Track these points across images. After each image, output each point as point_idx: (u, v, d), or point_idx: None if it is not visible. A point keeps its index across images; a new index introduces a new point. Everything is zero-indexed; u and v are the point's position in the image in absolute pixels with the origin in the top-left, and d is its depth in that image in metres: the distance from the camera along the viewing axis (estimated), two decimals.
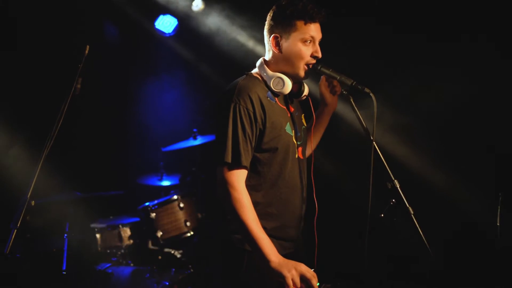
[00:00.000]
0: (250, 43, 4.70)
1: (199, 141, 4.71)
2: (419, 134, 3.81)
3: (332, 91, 2.65)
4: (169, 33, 5.14)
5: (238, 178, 2.29)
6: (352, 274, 2.64)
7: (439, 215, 3.53)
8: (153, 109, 5.25)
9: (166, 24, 5.13)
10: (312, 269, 2.22)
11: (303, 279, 2.18)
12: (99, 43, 4.95)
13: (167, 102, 5.27)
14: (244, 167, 2.31)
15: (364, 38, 3.98)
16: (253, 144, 2.34)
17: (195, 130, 4.75)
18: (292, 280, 2.16)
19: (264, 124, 2.35)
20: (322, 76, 2.63)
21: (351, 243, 3.03)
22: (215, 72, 5.05)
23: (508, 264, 3.17)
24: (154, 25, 5.08)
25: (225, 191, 2.28)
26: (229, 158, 2.28)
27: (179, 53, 5.18)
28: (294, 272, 2.17)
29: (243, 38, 4.73)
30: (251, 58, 4.54)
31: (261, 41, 4.50)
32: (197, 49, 5.13)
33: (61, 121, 2.65)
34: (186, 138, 4.81)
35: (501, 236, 3.08)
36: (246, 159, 2.30)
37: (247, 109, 2.32)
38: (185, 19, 4.97)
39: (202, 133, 4.78)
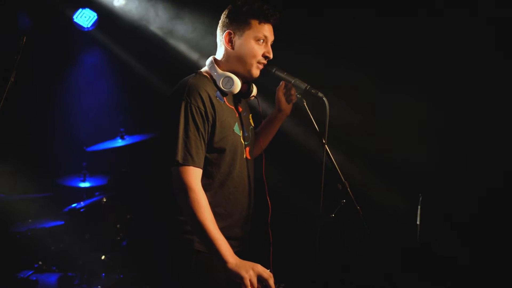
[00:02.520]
0: (173, 38, 4.65)
1: (127, 141, 4.56)
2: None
3: (288, 99, 2.72)
4: (88, 28, 4.94)
5: (195, 178, 2.28)
6: (305, 274, 2.71)
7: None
8: (75, 107, 5.01)
9: (85, 18, 4.93)
10: (268, 269, 2.25)
11: (260, 279, 2.21)
12: (12, 34, 4.65)
13: (90, 99, 5.04)
14: (199, 167, 2.30)
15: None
16: (206, 143, 2.34)
17: (122, 129, 4.60)
18: (250, 280, 2.18)
19: (214, 123, 2.36)
20: (281, 82, 2.68)
21: (301, 243, 3.10)
22: (141, 69, 4.92)
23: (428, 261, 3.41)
24: (72, 19, 4.87)
25: (182, 192, 2.26)
26: (183, 158, 2.26)
27: (102, 48, 5.00)
28: (251, 272, 2.19)
29: (166, 33, 4.67)
30: (174, 53, 4.55)
31: (182, 36, 4.55)
32: (121, 44, 4.97)
33: None
34: (112, 137, 4.64)
35: (421, 235, 3.28)
36: (200, 158, 2.30)
37: (198, 108, 2.31)
38: (106, 14, 4.80)
39: (129, 133, 4.64)
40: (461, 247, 3.49)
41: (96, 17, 4.92)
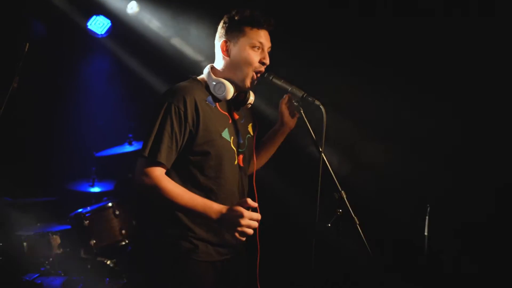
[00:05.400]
0: (184, 47, 4.67)
1: (134, 147, 4.60)
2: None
3: (292, 113, 2.70)
4: (101, 34, 5.01)
5: (156, 170, 2.29)
6: (298, 281, 2.68)
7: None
8: (85, 112, 5.07)
9: (99, 25, 5.00)
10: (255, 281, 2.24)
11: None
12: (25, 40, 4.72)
13: (100, 105, 5.10)
14: (162, 164, 2.31)
15: None
16: (180, 143, 2.35)
17: (130, 135, 4.64)
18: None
19: (196, 126, 2.37)
20: (285, 95, 2.67)
21: (296, 251, 3.09)
22: (151, 76, 4.96)
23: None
24: (86, 26, 4.93)
25: (139, 181, 2.30)
26: (149, 152, 2.29)
27: (114, 55, 5.05)
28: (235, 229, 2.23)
29: (178, 41, 4.70)
30: (186, 61, 4.58)
31: (194, 44, 4.57)
32: (132, 51, 5.02)
33: None
34: (121, 143, 4.68)
35: (429, 245, 3.24)
36: (166, 156, 2.31)
37: (178, 107, 2.34)
38: (120, 21, 4.86)
39: (137, 139, 4.67)
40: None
41: (110, 24, 4.98)
